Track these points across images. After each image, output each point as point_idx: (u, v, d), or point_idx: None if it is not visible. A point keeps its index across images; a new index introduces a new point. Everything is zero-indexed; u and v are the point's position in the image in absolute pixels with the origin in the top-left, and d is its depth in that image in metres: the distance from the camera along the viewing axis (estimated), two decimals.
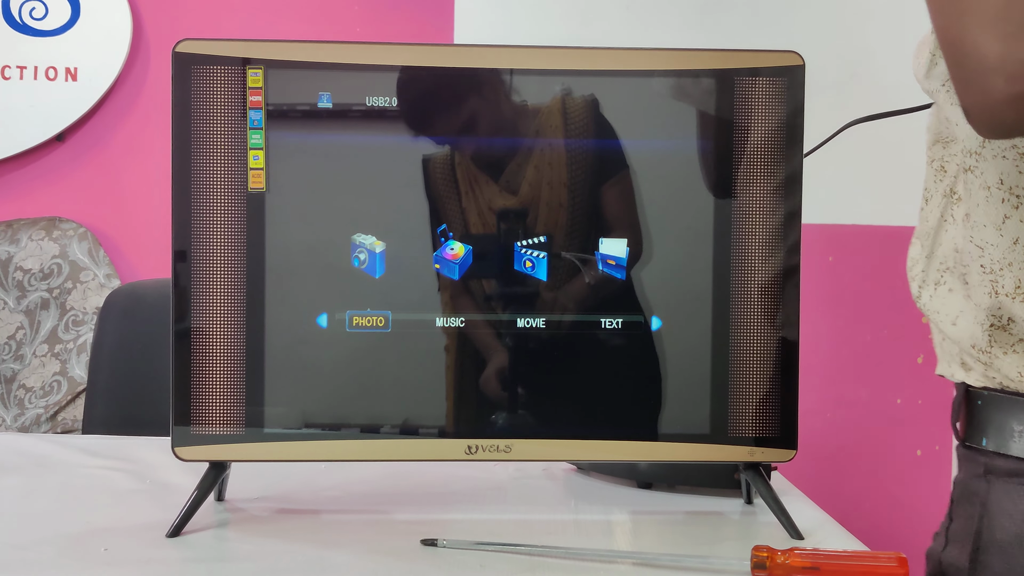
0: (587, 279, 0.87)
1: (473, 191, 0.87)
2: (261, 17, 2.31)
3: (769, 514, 0.89)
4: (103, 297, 1.95)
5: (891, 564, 0.71)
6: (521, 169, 0.87)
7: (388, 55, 0.86)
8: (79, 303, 2.19)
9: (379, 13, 2.33)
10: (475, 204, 0.87)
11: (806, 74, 0.87)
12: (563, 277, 0.87)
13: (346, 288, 0.86)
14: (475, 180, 0.87)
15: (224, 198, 0.85)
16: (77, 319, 2.19)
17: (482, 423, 0.88)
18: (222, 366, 0.85)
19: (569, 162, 0.87)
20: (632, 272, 0.87)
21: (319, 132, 0.86)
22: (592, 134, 0.87)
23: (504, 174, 0.87)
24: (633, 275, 0.87)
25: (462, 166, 0.87)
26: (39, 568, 0.75)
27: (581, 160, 0.87)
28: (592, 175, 0.87)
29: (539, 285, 0.87)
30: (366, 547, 0.80)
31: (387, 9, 2.33)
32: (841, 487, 2.25)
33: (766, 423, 0.87)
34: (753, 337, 0.87)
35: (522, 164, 0.87)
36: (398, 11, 2.32)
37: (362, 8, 2.33)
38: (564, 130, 0.87)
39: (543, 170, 0.87)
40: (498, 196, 0.87)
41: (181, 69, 0.84)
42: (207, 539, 0.83)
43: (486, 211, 0.87)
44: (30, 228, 2.26)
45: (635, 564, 0.77)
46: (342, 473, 1.06)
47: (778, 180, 0.86)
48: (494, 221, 0.87)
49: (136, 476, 1.04)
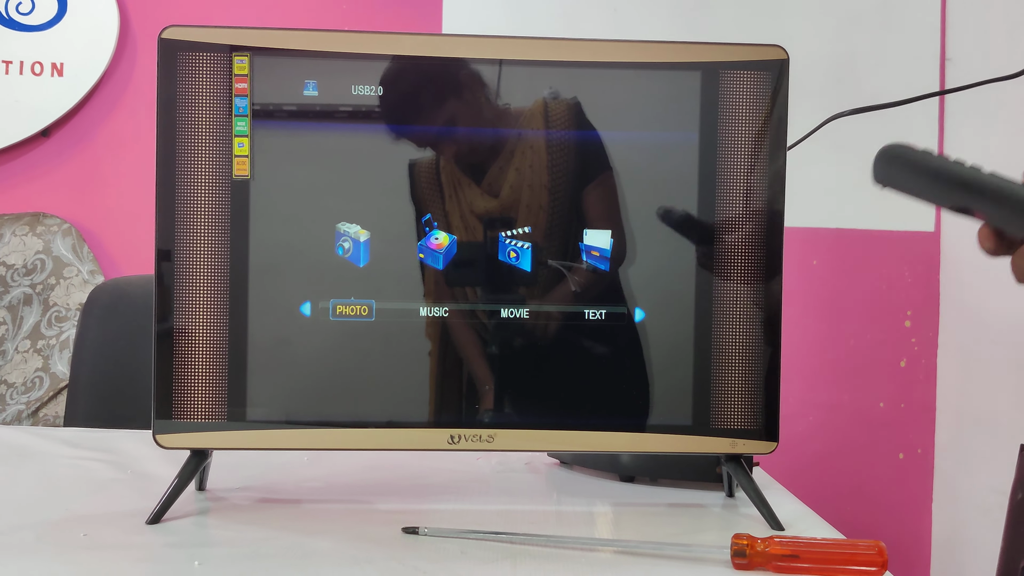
0: (572, 286, 0.87)
1: (456, 194, 0.87)
2: (249, 13, 2.31)
3: (750, 506, 0.90)
4: (86, 293, 1.94)
5: (870, 552, 0.71)
6: (503, 172, 0.87)
7: (374, 44, 0.86)
8: (62, 299, 2.18)
9: (366, 11, 2.33)
10: (457, 207, 0.87)
11: (790, 78, 0.87)
12: (548, 272, 0.87)
13: (330, 277, 0.86)
14: (458, 183, 0.87)
15: (208, 185, 0.85)
16: (60, 315, 2.17)
17: (465, 413, 0.88)
18: (204, 353, 0.85)
19: (551, 165, 0.87)
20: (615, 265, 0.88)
21: (304, 120, 0.86)
22: (574, 137, 0.87)
23: (486, 176, 0.88)
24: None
25: (446, 170, 0.87)
26: (18, 552, 0.74)
27: (562, 163, 0.87)
28: (574, 178, 0.87)
29: (523, 276, 0.87)
30: (347, 535, 0.80)
31: (375, 9, 2.33)
32: (823, 490, 2.25)
33: (748, 415, 0.88)
34: (736, 329, 0.88)
35: (504, 167, 0.87)
36: (387, 10, 2.33)
37: (350, 5, 2.33)
38: (546, 133, 0.87)
39: (524, 173, 0.87)
40: (480, 199, 0.87)
41: (167, 56, 0.84)
42: (187, 526, 0.82)
43: (468, 214, 0.87)
44: (13, 223, 2.24)
45: (616, 552, 0.77)
46: (324, 465, 1.06)
47: (762, 172, 0.87)
48: (477, 225, 0.87)
49: (117, 467, 1.04)
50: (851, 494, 2.26)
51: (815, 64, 2.24)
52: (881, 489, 2.26)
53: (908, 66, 2.26)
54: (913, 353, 2.26)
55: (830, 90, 2.23)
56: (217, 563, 0.72)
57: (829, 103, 1.06)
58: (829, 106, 1.04)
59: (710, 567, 0.74)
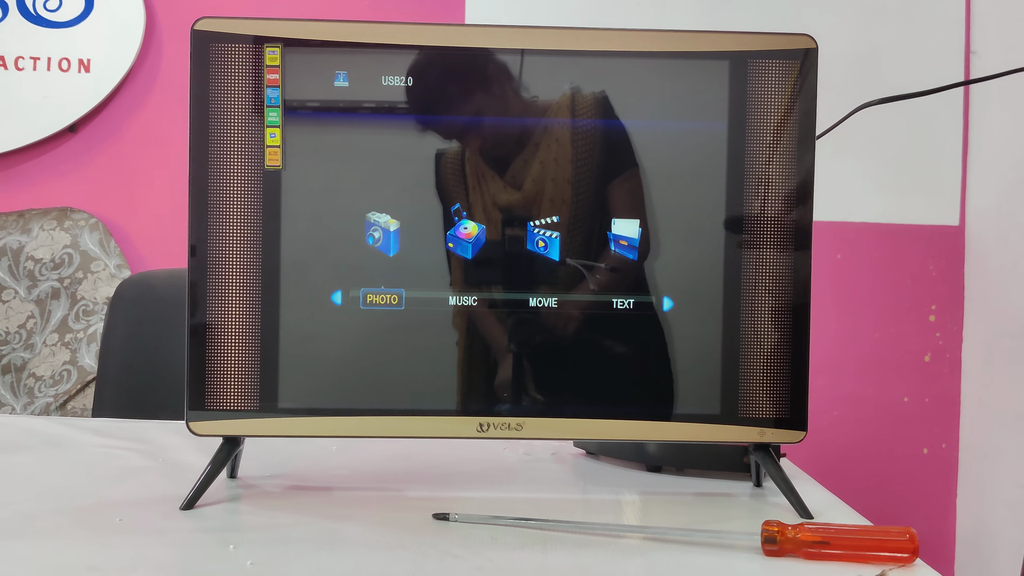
0: (600, 276, 0.88)
1: (480, 186, 0.88)
2: (274, 7, 2.32)
3: (779, 495, 0.90)
4: (113, 287, 1.96)
5: (901, 538, 0.71)
6: (527, 165, 0.88)
7: (403, 35, 0.87)
8: (89, 293, 2.20)
9: (391, 4, 2.34)
10: (480, 199, 0.88)
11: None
12: (577, 258, 0.87)
13: (360, 266, 0.87)
14: (482, 175, 0.88)
15: (241, 175, 0.85)
16: (87, 309, 2.20)
17: (493, 401, 0.88)
18: (237, 341, 0.86)
19: (575, 159, 0.87)
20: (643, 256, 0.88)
21: (335, 111, 0.87)
22: (601, 130, 0.88)
23: (510, 169, 0.88)
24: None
25: (471, 161, 0.88)
26: (53, 536, 0.75)
27: (588, 156, 0.88)
28: (600, 172, 0.88)
29: (551, 265, 0.88)
30: (378, 520, 0.81)
31: (399, 3, 2.34)
32: (847, 484, 2.25)
33: (776, 404, 0.88)
34: (763, 318, 0.88)
35: (528, 160, 0.88)
36: (410, 5, 2.34)
37: (372, 1, 2.35)
38: (572, 127, 0.87)
39: (548, 166, 0.88)
40: (502, 191, 0.88)
41: (199, 47, 0.85)
42: (220, 512, 0.83)
43: (491, 207, 0.88)
44: (42, 218, 2.27)
45: (645, 538, 0.78)
46: (352, 454, 1.06)
47: (791, 162, 0.87)
48: (499, 217, 0.88)
49: (147, 455, 1.05)
50: (875, 488, 2.25)
51: (838, 58, 2.23)
52: (905, 484, 2.25)
53: (932, 60, 2.25)
54: (938, 347, 2.25)
55: (852, 84, 2.22)
56: (250, 547, 0.73)
57: (852, 97, 1.06)
58: (852, 100, 1.04)
59: (740, 554, 0.74)
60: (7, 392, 2.16)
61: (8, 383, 2.17)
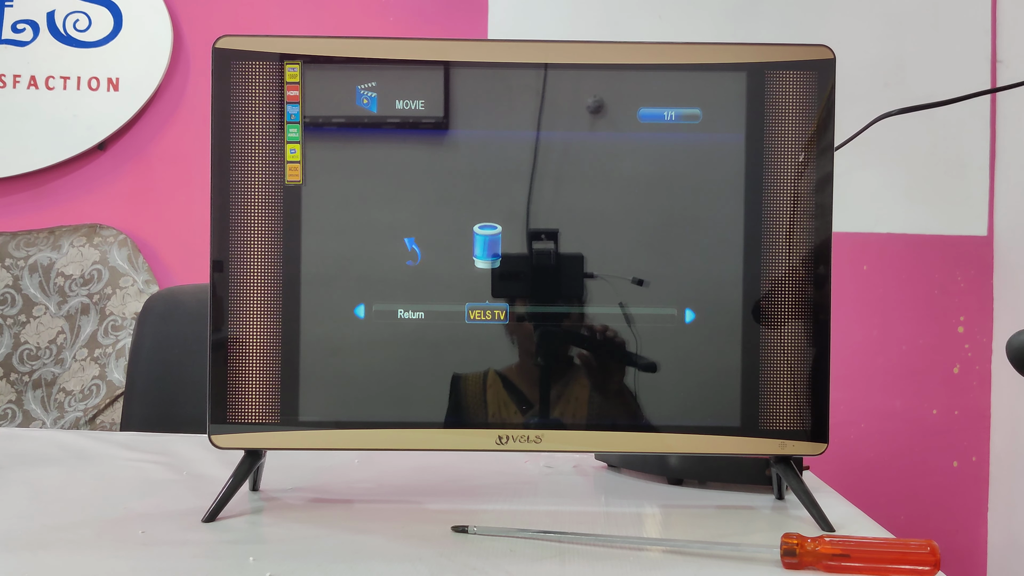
0: (622, 289, 0.88)
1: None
2: (298, 25, 2.35)
3: (800, 508, 0.89)
4: (141, 303, 1.98)
5: (922, 551, 0.70)
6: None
7: (421, 51, 0.87)
8: (118, 308, 2.23)
9: (414, 22, 2.36)
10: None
11: (837, 80, 0.87)
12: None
13: (383, 279, 0.88)
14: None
15: (261, 190, 0.86)
16: (116, 324, 2.22)
17: (513, 414, 0.88)
18: (258, 355, 0.86)
19: (599, 172, 0.88)
20: (666, 265, 0.88)
21: (355, 126, 0.88)
22: (622, 144, 0.88)
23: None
24: (667, 268, 0.88)
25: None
26: (79, 548, 0.76)
27: (613, 170, 0.88)
28: (624, 184, 0.88)
29: (573, 278, 0.88)
30: (398, 533, 0.81)
31: (422, 19, 2.36)
32: (875, 498, 2.23)
33: (797, 417, 0.87)
34: (784, 329, 0.87)
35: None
36: (433, 23, 2.35)
37: (396, 17, 2.36)
38: (593, 139, 0.88)
39: (574, 179, 0.88)
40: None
41: (221, 64, 0.87)
42: (242, 524, 0.84)
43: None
44: (71, 235, 2.30)
45: (665, 551, 0.77)
46: (373, 467, 1.07)
47: (810, 173, 0.87)
48: (525, 230, 0.88)
49: (172, 468, 1.06)
50: (904, 501, 2.23)
51: (862, 67, 2.22)
52: (935, 497, 2.22)
53: (957, 68, 2.23)
54: (967, 359, 2.23)
55: (877, 94, 2.21)
56: (272, 559, 0.74)
57: (877, 106, 1.05)
58: (877, 109, 1.04)
59: (760, 567, 0.73)
60: (38, 407, 2.19)
61: (39, 398, 2.20)
